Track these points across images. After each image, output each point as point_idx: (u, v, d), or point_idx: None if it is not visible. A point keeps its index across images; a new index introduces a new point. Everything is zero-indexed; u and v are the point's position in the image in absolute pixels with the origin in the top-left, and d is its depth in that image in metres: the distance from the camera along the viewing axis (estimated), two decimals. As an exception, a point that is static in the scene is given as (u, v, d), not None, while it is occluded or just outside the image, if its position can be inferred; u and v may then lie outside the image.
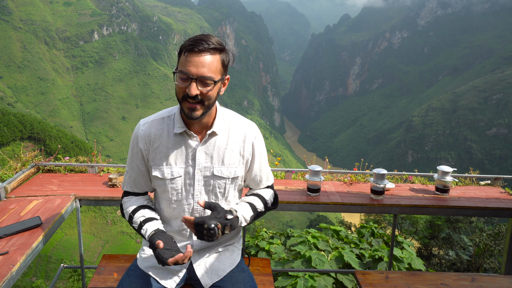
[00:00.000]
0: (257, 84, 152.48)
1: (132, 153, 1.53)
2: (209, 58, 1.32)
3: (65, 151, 46.00)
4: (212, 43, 1.33)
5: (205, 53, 1.32)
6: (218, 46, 1.35)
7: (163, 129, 1.49)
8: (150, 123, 1.50)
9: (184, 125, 1.46)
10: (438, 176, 2.48)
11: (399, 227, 6.51)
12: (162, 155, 1.48)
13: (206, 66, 1.31)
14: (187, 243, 1.56)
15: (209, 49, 1.32)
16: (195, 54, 1.31)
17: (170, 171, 1.48)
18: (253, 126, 1.58)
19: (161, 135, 1.48)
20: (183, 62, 1.33)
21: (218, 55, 1.35)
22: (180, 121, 1.46)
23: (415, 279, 1.96)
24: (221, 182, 1.51)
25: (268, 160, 1.69)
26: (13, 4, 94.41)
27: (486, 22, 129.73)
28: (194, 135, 1.46)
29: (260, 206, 1.57)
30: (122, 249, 44.45)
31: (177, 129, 1.46)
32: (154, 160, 1.49)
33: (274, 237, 3.86)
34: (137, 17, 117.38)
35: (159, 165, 1.48)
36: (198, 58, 1.31)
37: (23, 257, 1.62)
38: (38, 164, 2.66)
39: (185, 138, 1.47)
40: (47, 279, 31.02)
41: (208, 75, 1.31)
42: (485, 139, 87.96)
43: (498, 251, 5.53)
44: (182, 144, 1.47)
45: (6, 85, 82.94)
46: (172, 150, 1.47)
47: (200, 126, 1.47)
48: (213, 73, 1.33)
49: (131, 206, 1.55)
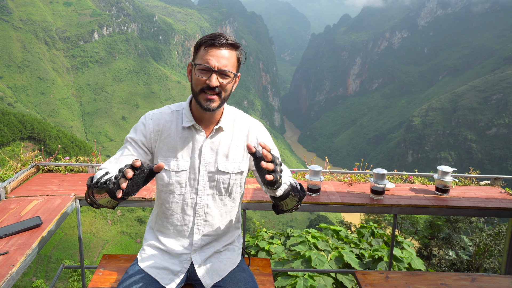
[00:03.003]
0: (257, 84, 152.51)
1: (132, 137, 1.49)
2: (228, 53, 1.38)
3: (65, 151, 46.02)
4: (230, 39, 1.39)
5: (225, 48, 1.38)
6: (236, 43, 1.41)
7: (172, 121, 1.51)
8: (159, 114, 1.52)
9: (193, 119, 1.48)
10: (438, 176, 2.48)
11: (399, 227, 6.51)
12: (170, 147, 1.49)
13: (226, 59, 1.37)
14: (186, 242, 1.56)
15: (227, 44, 1.38)
16: (216, 48, 1.37)
17: (176, 163, 1.49)
18: (258, 123, 1.60)
19: (170, 127, 1.50)
20: (203, 55, 1.38)
21: (234, 51, 1.41)
22: (189, 115, 1.49)
23: (415, 279, 1.96)
24: (225, 178, 1.51)
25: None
26: (13, 4, 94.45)
27: (486, 22, 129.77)
28: (201, 129, 1.48)
29: (292, 181, 1.40)
30: (122, 249, 44.47)
31: (186, 122, 1.48)
32: (161, 151, 1.49)
33: (274, 237, 3.86)
34: (137, 17, 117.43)
35: (166, 156, 1.49)
36: (219, 51, 1.37)
37: (23, 257, 1.62)
38: (38, 164, 2.66)
39: (193, 132, 1.49)
40: (47, 279, 31.03)
41: (227, 68, 1.37)
42: (485, 139, 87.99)
43: (498, 251, 5.54)
44: (189, 138, 1.49)
45: (6, 85, 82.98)
46: (179, 143, 1.49)
47: (208, 122, 1.49)
48: (231, 66, 1.39)
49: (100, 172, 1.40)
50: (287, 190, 1.33)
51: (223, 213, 1.56)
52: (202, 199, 1.52)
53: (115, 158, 1.49)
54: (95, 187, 1.23)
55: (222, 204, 1.55)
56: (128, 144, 1.50)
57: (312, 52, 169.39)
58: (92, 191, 1.26)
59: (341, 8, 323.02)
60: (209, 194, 1.52)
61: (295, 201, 1.40)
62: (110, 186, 1.14)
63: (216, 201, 1.54)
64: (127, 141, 1.52)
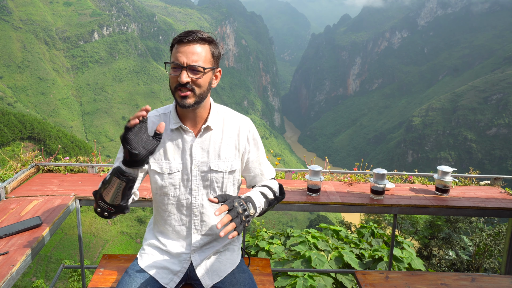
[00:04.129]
0: (257, 84, 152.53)
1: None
2: (198, 48, 1.37)
3: (65, 151, 46.02)
4: (201, 34, 1.38)
5: (194, 43, 1.37)
6: (206, 37, 1.40)
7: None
8: (148, 119, 1.52)
9: (179, 120, 1.49)
10: (438, 176, 2.48)
11: (399, 227, 6.51)
12: (161, 150, 1.50)
13: (195, 55, 1.36)
14: (185, 242, 1.56)
15: (197, 39, 1.37)
16: (185, 44, 1.36)
17: (169, 166, 1.49)
18: (247, 120, 1.60)
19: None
20: (174, 53, 1.38)
21: (207, 45, 1.40)
22: (175, 117, 1.49)
23: (415, 279, 1.96)
24: (219, 176, 1.52)
25: (267, 159, 1.69)
26: (13, 4, 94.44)
27: (486, 22, 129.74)
28: (189, 130, 1.49)
29: (270, 194, 1.53)
30: (122, 249, 44.49)
31: (173, 124, 1.49)
32: (153, 154, 1.50)
33: (274, 237, 3.86)
34: (137, 17, 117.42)
35: (158, 159, 1.50)
36: (188, 47, 1.36)
37: (23, 257, 1.62)
38: (38, 164, 2.66)
39: (181, 133, 1.50)
40: (47, 279, 31.03)
41: (197, 63, 1.36)
42: (485, 139, 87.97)
43: (498, 251, 5.53)
44: (178, 139, 1.50)
45: (6, 85, 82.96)
46: (170, 146, 1.49)
47: (195, 122, 1.49)
48: (202, 61, 1.37)
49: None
50: (263, 210, 1.47)
51: None
52: (197, 199, 1.52)
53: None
54: (102, 183, 1.33)
55: (217, 203, 1.55)
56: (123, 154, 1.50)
57: (312, 52, 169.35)
58: (101, 193, 1.34)
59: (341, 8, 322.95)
60: (203, 194, 1.52)
61: (272, 207, 1.56)
62: (115, 166, 1.23)
63: None
64: (121, 151, 1.50)
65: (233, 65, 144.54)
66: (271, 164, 1.71)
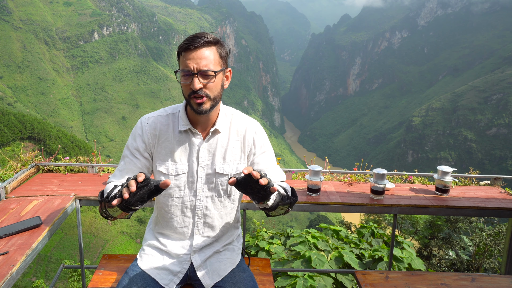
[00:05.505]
0: (257, 84, 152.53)
1: (132, 145, 1.51)
2: (206, 52, 1.36)
3: (65, 151, 46.00)
4: (206, 37, 1.37)
5: (201, 48, 1.36)
6: (212, 39, 1.39)
7: (169, 125, 1.51)
8: (155, 118, 1.51)
9: (188, 122, 1.48)
10: (438, 176, 2.48)
11: (399, 227, 6.51)
12: (168, 151, 1.49)
13: (204, 59, 1.35)
14: (186, 243, 1.56)
15: (203, 43, 1.36)
16: (192, 51, 1.35)
17: (175, 167, 1.49)
18: (254, 123, 1.58)
19: (167, 130, 1.50)
20: (182, 61, 1.37)
21: (213, 47, 1.39)
22: (185, 118, 1.48)
23: (415, 279, 1.96)
24: (224, 180, 1.51)
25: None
26: (13, 4, 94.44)
27: (486, 22, 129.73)
28: (198, 133, 1.48)
29: (281, 190, 1.43)
30: (122, 249, 44.47)
31: (182, 126, 1.48)
32: (159, 155, 1.50)
33: (274, 237, 3.86)
34: (137, 17, 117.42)
35: (164, 160, 1.49)
36: (195, 53, 1.35)
37: (23, 257, 1.62)
38: (38, 164, 2.66)
39: (189, 135, 1.49)
40: (47, 279, 31.01)
41: (207, 67, 1.35)
42: (485, 139, 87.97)
43: (498, 251, 5.53)
44: (186, 141, 1.49)
45: (6, 85, 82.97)
46: (177, 147, 1.49)
47: (204, 124, 1.49)
48: (212, 65, 1.37)
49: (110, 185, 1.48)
50: (276, 201, 1.35)
51: (223, 215, 1.56)
52: (201, 202, 1.51)
53: (119, 170, 1.51)
54: (106, 201, 1.27)
55: (221, 206, 1.55)
56: (129, 153, 1.51)
57: (312, 52, 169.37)
58: (105, 205, 1.30)
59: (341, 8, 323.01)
60: (208, 196, 1.52)
61: (285, 208, 1.42)
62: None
63: (215, 203, 1.54)
64: (128, 149, 1.52)
65: (233, 65, 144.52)
66: (281, 169, 1.66)
